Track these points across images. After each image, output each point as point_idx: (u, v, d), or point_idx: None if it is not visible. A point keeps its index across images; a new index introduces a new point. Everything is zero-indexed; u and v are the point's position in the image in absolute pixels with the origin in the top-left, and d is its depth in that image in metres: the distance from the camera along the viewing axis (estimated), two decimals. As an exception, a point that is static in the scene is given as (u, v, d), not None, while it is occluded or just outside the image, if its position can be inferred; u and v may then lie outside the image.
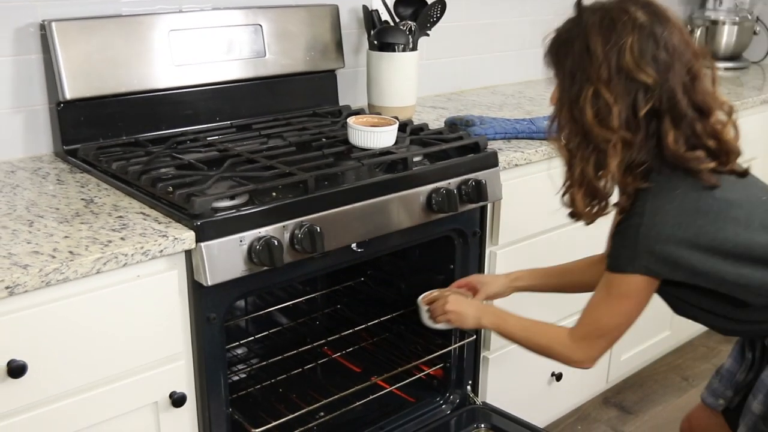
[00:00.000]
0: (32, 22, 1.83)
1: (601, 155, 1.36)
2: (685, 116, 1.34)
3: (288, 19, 2.18)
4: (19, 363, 1.27)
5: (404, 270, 2.18)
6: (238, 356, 2.13)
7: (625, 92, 1.33)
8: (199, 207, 1.46)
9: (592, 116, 1.34)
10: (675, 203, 1.36)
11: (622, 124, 1.34)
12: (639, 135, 1.35)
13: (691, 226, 1.35)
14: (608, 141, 1.34)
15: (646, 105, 1.33)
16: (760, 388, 1.52)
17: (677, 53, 1.34)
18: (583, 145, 1.38)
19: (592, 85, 1.34)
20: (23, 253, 1.32)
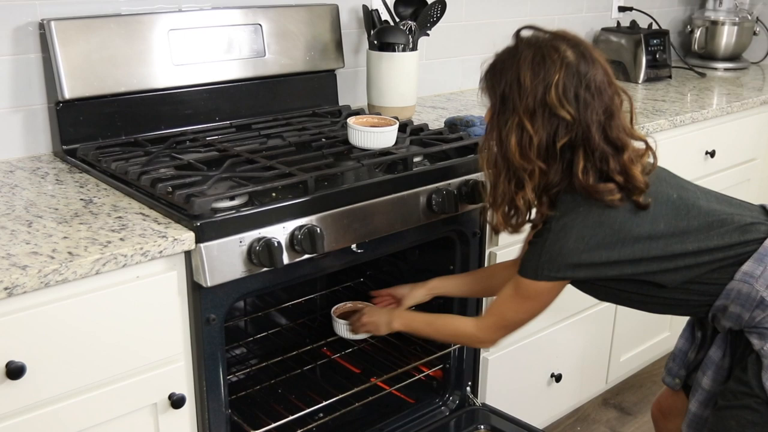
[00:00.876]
0: (31, 21, 1.82)
1: (520, 180, 1.48)
2: (596, 150, 1.45)
3: (288, 19, 2.17)
4: (18, 364, 1.27)
5: (404, 271, 2.17)
6: (238, 357, 2.13)
7: (546, 125, 1.44)
8: (199, 207, 1.45)
9: (515, 145, 1.45)
10: (579, 219, 1.48)
11: (541, 155, 1.45)
12: (555, 164, 1.47)
13: (592, 237, 1.47)
14: (525, 170, 1.46)
15: (564, 138, 1.44)
16: (709, 365, 1.62)
17: (598, 92, 1.45)
18: (505, 167, 1.49)
19: (518, 115, 1.45)
20: (22, 254, 1.31)
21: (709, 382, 1.61)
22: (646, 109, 2.57)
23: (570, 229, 1.48)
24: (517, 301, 1.59)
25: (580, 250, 1.47)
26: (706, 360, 1.63)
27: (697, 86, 3.02)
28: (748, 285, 1.49)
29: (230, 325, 2.11)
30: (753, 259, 1.50)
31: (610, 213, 1.48)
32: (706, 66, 3.38)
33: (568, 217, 1.48)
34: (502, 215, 1.55)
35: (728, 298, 1.52)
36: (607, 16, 3.24)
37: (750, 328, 1.52)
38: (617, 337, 2.57)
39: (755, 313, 1.50)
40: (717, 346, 1.61)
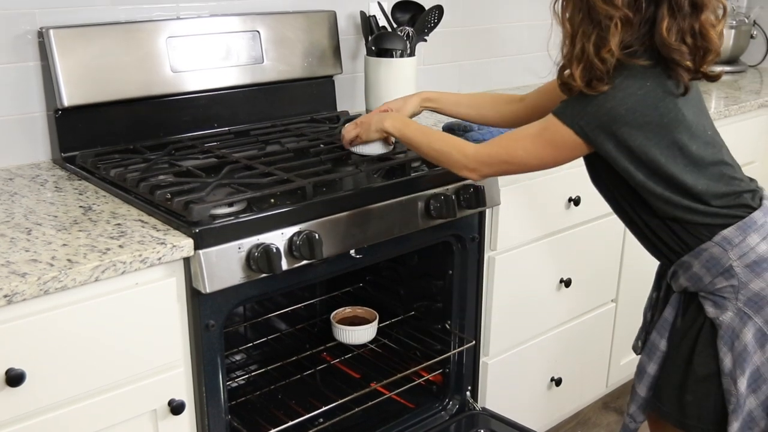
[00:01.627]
0: (30, 29, 1.83)
1: (603, 32, 1.39)
2: (682, 8, 1.39)
3: (286, 26, 2.18)
4: (18, 371, 1.27)
5: (403, 276, 2.18)
6: (237, 363, 2.13)
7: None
8: (198, 214, 1.46)
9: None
10: (641, 91, 1.41)
11: (625, 3, 1.37)
12: (638, 16, 1.39)
13: (643, 115, 1.41)
14: (611, 18, 1.37)
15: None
16: (664, 326, 1.61)
17: None
18: (586, 21, 1.41)
19: None
20: (21, 261, 1.32)
21: (664, 343, 1.61)
22: (643, 112, 2.57)
23: (630, 97, 1.41)
24: (538, 143, 1.50)
25: (625, 122, 1.41)
26: (661, 321, 1.63)
27: (694, 90, 3.03)
28: (722, 250, 1.49)
29: (230, 331, 2.11)
30: (736, 226, 1.49)
31: (669, 104, 1.42)
32: (703, 69, 3.38)
33: (634, 84, 1.41)
34: (580, 74, 1.43)
35: (698, 256, 1.51)
36: (604, 20, 3.24)
37: (707, 293, 1.52)
38: (617, 341, 2.58)
39: (717, 280, 1.50)
40: (671, 306, 1.61)
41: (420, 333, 2.12)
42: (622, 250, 2.46)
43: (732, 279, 1.49)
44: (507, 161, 1.55)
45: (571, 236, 2.25)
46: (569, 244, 2.25)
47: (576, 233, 2.26)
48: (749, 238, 1.49)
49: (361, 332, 1.99)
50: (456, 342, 2.04)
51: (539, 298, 2.19)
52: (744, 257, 1.48)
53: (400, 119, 1.72)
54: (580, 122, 1.44)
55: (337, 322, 2.00)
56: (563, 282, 2.25)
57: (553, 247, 2.20)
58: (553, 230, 2.18)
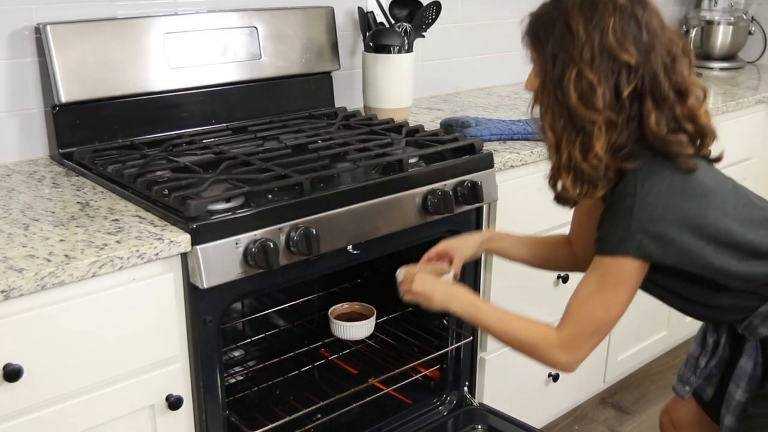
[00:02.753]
0: (27, 25, 1.83)
1: (587, 137, 1.34)
2: (667, 98, 1.34)
3: (283, 21, 2.18)
4: (15, 367, 1.27)
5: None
6: (235, 359, 2.13)
7: (608, 73, 1.32)
8: (195, 210, 1.46)
9: (576, 98, 1.33)
10: (664, 184, 1.35)
11: (607, 105, 1.33)
12: (622, 116, 1.34)
13: (679, 207, 1.34)
14: (594, 122, 1.33)
15: (629, 85, 1.33)
16: (741, 376, 1.51)
17: (657, 35, 1.35)
18: (569, 127, 1.36)
19: (576, 65, 1.33)
20: (19, 257, 1.32)
21: (743, 394, 1.51)
22: (641, 108, 2.57)
23: (657, 194, 1.34)
24: (605, 291, 1.39)
25: (670, 220, 1.33)
26: (738, 371, 1.52)
27: (692, 86, 3.03)
28: None
29: (228, 327, 2.11)
30: None
31: (692, 183, 1.36)
32: (701, 66, 3.39)
33: (652, 180, 1.34)
34: (570, 183, 1.38)
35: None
36: (602, 16, 3.24)
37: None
38: (615, 337, 2.58)
39: None
40: (748, 356, 1.50)
41: (417, 329, 2.12)
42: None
43: None
44: (594, 331, 1.41)
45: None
46: (567, 240, 2.25)
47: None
48: None
49: (359, 328, 1.99)
50: (453, 337, 2.04)
51: (536, 294, 2.19)
52: None
53: (468, 300, 1.55)
54: (634, 245, 1.34)
55: (335, 318, 2.00)
56: (560, 278, 2.25)
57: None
58: (550, 226, 2.18)
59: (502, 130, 2.10)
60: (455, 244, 1.75)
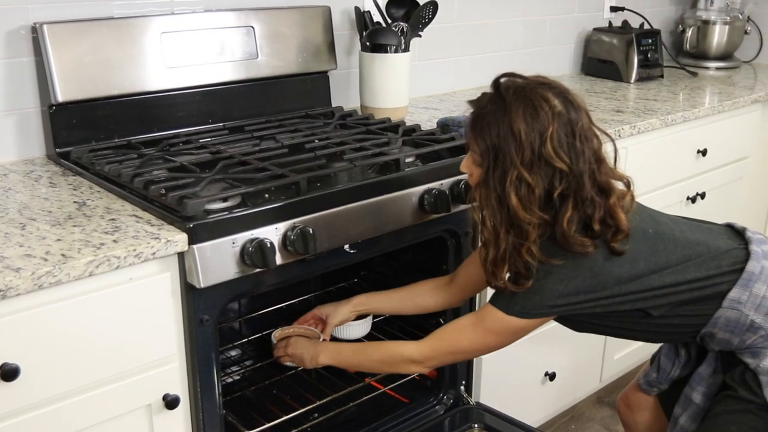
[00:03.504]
0: (24, 24, 1.83)
1: (523, 235, 1.45)
2: (586, 199, 1.44)
3: (280, 21, 2.18)
4: (12, 366, 1.27)
5: (397, 271, 2.18)
6: (232, 358, 2.13)
7: (544, 176, 1.42)
8: (192, 209, 1.46)
9: (516, 200, 1.42)
10: (560, 261, 1.46)
11: (541, 206, 1.43)
12: (549, 215, 1.45)
13: (573, 280, 1.47)
14: (531, 223, 1.43)
15: (559, 188, 1.43)
16: (698, 380, 1.64)
17: (587, 139, 1.45)
18: (506, 224, 1.45)
19: (516, 169, 1.41)
20: (15, 257, 1.32)
21: (700, 398, 1.63)
22: (638, 108, 2.58)
23: (551, 271, 1.47)
24: (479, 332, 1.57)
25: (559, 293, 1.47)
26: (696, 376, 1.65)
27: (688, 85, 3.04)
28: (736, 311, 1.51)
29: (225, 327, 2.12)
30: (738, 285, 1.51)
31: (590, 257, 1.47)
32: (697, 65, 3.39)
33: (552, 261, 1.47)
34: (506, 273, 1.51)
35: (715, 326, 1.53)
36: (598, 16, 3.25)
37: (742, 350, 1.54)
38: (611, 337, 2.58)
39: (746, 336, 1.52)
40: (707, 364, 1.63)
41: (414, 328, 2.12)
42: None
43: (759, 330, 1.51)
44: (452, 352, 1.62)
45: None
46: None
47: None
48: (755, 290, 1.51)
49: (356, 327, 1.99)
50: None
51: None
52: (760, 307, 1.51)
53: (332, 350, 1.78)
54: (516, 307, 1.50)
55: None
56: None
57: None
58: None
59: None
60: (328, 310, 1.93)
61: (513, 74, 1.51)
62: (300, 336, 1.90)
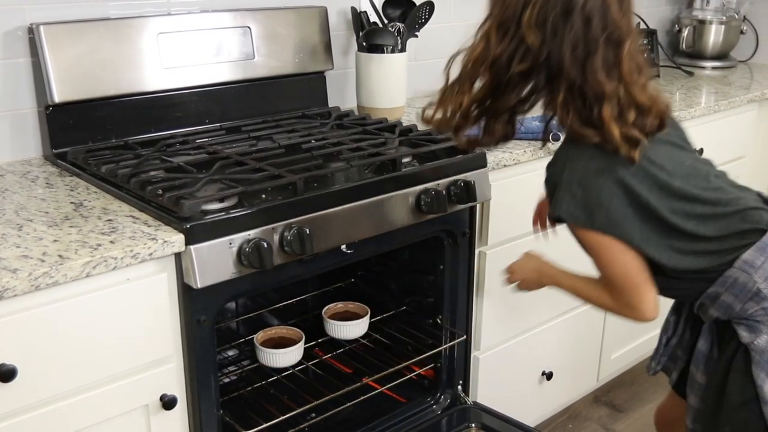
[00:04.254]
0: (20, 25, 1.83)
1: (462, 86, 1.45)
2: (573, 88, 1.33)
3: (277, 21, 2.18)
4: (9, 367, 1.27)
5: (394, 271, 2.18)
6: (229, 358, 2.13)
7: (509, 44, 1.36)
8: (189, 210, 1.46)
9: (472, 51, 1.41)
10: (591, 161, 1.39)
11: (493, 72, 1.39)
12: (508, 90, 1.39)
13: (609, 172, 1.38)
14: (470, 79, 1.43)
15: (521, 64, 1.35)
16: (699, 358, 1.58)
17: (585, 22, 1.31)
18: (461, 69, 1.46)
19: (488, 23, 1.39)
20: (12, 257, 1.32)
21: (702, 376, 1.57)
22: (634, 108, 2.58)
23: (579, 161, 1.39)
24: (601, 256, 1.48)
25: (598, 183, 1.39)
26: (696, 353, 1.59)
27: (685, 85, 3.04)
28: (746, 275, 1.44)
29: (222, 327, 2.12)
30: (755, 248, 1.45)
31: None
32: (693, 65, 3.40)
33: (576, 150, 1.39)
34: (439, 112, 1.49)
35: (723, 285, 1.47)
36: (595, 16, 3.25)
37: (740, 319, 1.48)
38: (608, 335, 2.59)
39: (747, 305, 1.46)
40: (704, 338, 1.57)
41: (411, 328, 2.12)
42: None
43: (763, 302, 1.45)
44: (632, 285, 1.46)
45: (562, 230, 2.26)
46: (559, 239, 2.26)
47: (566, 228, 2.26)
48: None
49: (353, 327, 1.99)
50: (447, 337, 2.05)
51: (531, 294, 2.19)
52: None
53: (554, 278, 1.69)
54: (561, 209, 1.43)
55: (329, 317, 2.00)
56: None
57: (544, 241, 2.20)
58: (543, 225, 2.19)
59: None
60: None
61: None
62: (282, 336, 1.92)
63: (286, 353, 1.88)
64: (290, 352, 1.88)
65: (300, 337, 1.91)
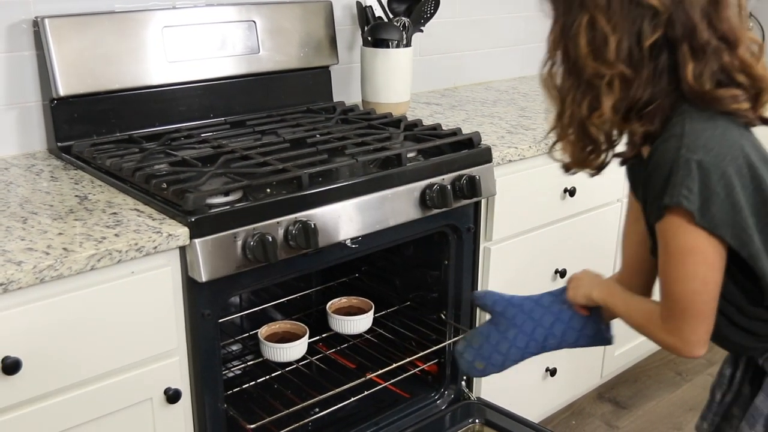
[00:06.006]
0: (25, 18, 1.82)
1: (595, 94, 1.17)
2: (708, 45, 1.13)
3: (282, 16, 2.18)
4: (14, 360, 1.27)
5: (398, 266, 2.18)
6: (233, 353, 2.13)
7: (627, 19, 1.13)
8: (193, 203, 1.46)
9: (585, 46, 1.15)
10: (718, 131, 1.14)
11: (622, 58, 1.14)
12: (644, 71, 1.15)
13: (735, 160, 1.14)
14: (602, 77, 1.15)
15: (654, 34, 1.13)
16: (756, 417, 1.33)
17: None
18: (576, 84, 1.19)
19: (588, 12, 1.14)
20: (17, 250, 1.32)
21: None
22: (639, 104, 2.58)
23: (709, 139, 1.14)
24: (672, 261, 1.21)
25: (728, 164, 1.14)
26: (753, 410, 1.34)
27: (690, 81, 3.03)
28: None
29: (226, 321, 2.12)
30: None
31: (752, 138, 1.17)
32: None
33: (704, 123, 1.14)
34: (572, 146, 1.23)
35: None
36: (600, 11, 3.24)
37: None
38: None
39: None
40: (765, 395, 1.32)
41: (415, 323, 2.12)
42: (618, 241, 2.47)
43: None
44: (683, 309, 1.21)
45: (567, 227, 2.26)
46: (564, 235, 2.26)
47: (571, 224, 2.27)
48: None
49: (357, 322, 1.99)
50: (451, 332, 2.05)
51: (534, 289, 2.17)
52: None
53: (606, 288, 1.41)
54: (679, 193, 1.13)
55: (333, 312, 2.00)
56: (558, 273, 2.26)
57: (549, 237, 2.21)
58: (548, 221, 2.18)
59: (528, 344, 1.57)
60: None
61: None
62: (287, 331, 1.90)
63: (291, 348, 1.88)
64: (295, 347, 1.88)
65: (304, 331, 1.91)
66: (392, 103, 2.29)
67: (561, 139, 1.25)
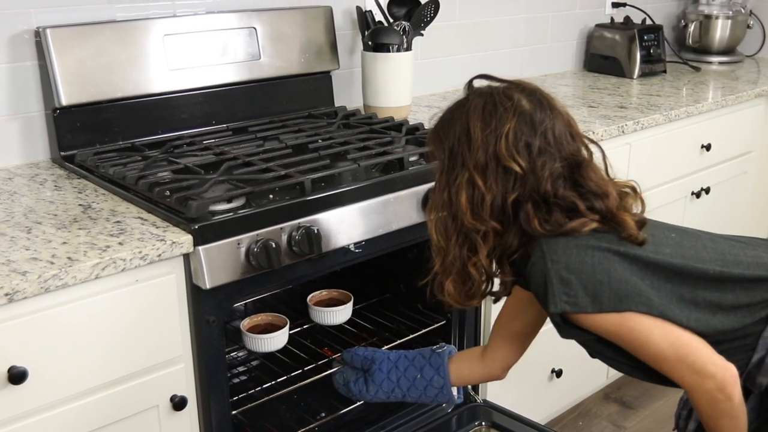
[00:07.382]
0: (27, 29, 1.83)
1: (472, 243, 1.31)
2: (549, 199, 1.28)
3: (282, 22, 2.18)
4: (20, 369, 1.28)
5: (402, 269, 2.18)
6: (239, 359, 2.13)
7: (499, 180, 1.28)
8: (197, 210, 1.46)
9: (465, 203, 1.29)
10: (570, 237, 1.28)
11: (494, 214, 1.29)
12: (511, 225, 1.30)
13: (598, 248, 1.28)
14: (478, 231, 1.30)
15: (514, 193, 1.28)
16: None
17: (557, 142, 1.29)
18: (456, 230, 1.32)
19: (468, 171, 1.29)
20: (22, 260, 1.32)
21: None
22: (641, 104, 2.58)
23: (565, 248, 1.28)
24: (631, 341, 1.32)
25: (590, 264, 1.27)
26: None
27: (692, 80, 3.03)
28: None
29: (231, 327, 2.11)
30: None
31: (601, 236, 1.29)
32: (700, 60, 3.39)
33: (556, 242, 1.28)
34: (453, 285, 1.36)
35: (766, 347, 1.33)
36: (600, 12, 3.25)
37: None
38: (617, 332, 2.58)
39: None
40: (749, 407, 1.36)
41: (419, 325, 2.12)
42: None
43: None
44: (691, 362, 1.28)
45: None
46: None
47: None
48: None
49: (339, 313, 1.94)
50: (456, 335, 2.05)
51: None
52: None
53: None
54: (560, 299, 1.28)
55: (314, 304, 1.97)
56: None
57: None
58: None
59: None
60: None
61: (488, 76, 1.39)
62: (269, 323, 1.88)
63: (273, 338, 1.86)
64: (276, 337, 1.86)
65: (285, 323, 1.91)
66: (394, 107, 2.29)
67: (443, 277, 1.37)
